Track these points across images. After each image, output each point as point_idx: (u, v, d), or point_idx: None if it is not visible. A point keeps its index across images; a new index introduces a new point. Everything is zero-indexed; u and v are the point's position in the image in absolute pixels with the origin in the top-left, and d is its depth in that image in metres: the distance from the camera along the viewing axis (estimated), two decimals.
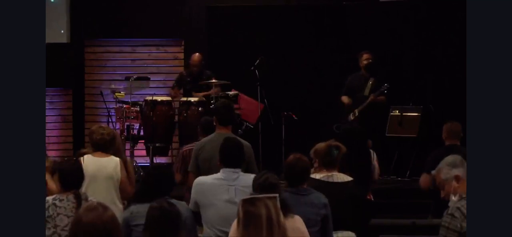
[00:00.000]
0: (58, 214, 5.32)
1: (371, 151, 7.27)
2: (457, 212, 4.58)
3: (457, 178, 4.77)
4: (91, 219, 3.32)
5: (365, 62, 10.00)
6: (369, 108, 9.79)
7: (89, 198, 5.48)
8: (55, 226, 5.31)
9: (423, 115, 10.16)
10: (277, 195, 4.06)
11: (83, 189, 5.62)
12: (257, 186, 4.88)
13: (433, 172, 4.97)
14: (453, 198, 4.74)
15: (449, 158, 4.90)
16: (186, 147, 7.38)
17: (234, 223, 4.26)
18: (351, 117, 9.85)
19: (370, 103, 9.79)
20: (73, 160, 5.80)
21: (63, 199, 5.38)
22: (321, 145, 6.06)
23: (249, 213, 3.91)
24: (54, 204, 5.37)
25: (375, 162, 7.23)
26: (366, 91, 9.92)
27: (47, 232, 5.32)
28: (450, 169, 4.82)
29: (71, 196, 5.40)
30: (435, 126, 9.14)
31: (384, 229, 7.00)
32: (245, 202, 3.95)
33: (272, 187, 4.78)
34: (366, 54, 10.02)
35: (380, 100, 9.89)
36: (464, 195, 4.68)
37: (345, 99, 10.01)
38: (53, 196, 5.45)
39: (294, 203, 5.13)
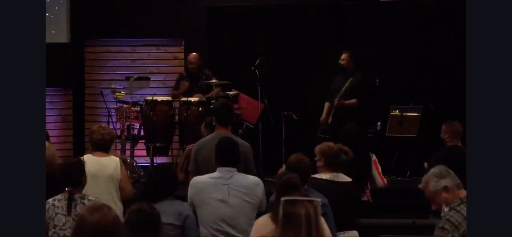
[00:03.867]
0: (56, 214, 5.37)
1: (371, 154, 7.30)
2: (447, 223, 4.59)
3: (446, 189, 4.76)
4: (96, 219, 3.33)
5: (340, 62, 9.79)
6: (341, 112, 9.62)
7: (90, 198, 5.51)
8: (55, 226, 5.36)
9: (423, 115, 10.16)
10: (319, 200, 4.10)
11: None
12: (279, 186, 4.86)
13: (420, 185, 4.96)
14: (445, 209, 4.73)
15: (435, 170, 4.89)
16: (190, 146, 7.39)
17: (263, 221, 4.29)
18: (328, 121, 9.76)
19: (338, 108, 9.60)
20: (74, 160, 5.83)
21: (61, 199, 5.43)
22: (330, 146, 6.08)
23: (289, 213, 3.95)
24: (53, 204, 5.42)
25: (375, 170, 7.25)
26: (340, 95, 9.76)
27: (49, 233, 5.36)
28: (438, 181, 4.80)
29: (67, 195, 5.43)
30: (435, 126, 9.12)
31: (384, 229, 7.01)
32: (286, 202, 3.98)
33: (293, 186, 4.77)
34: (344, 53, 9.79)
35: (349, 104, 9.65)
36: (453, 205, 4.68)
37: (325, 108, 9.85)
38: (54, 197, 5.50)
39: None
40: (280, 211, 4.00)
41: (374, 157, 7.32)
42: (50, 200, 5.47)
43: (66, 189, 5.45)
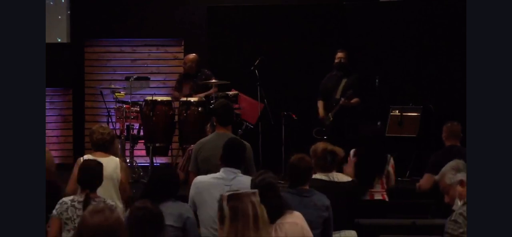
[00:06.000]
0: (78, 216, 5.36)
1: (389, 155, 7.32)
2: (460, 217, 4.57)
3: (461, 183, 4.76)
4: (98, 221, 3.32)
5: (336, 60, 9.82)
6: (342, 111, 9.63)
7: (107, 201, 5.52)
8: (75, 228, 5.33)
9: (423, 115, 10.15)
10: (256, 190, 4.08)
11: None
12: (254, 186, 4.85)
13: (437, 177, 4.96)
14: (459, 202, 4.73)
15: (453, 163, 4.89)
16: (192, 147, 7.37)
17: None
18: (326, 121, 9.76)
19: (342, 106, 9.62)
20: (95, 162, 5.80)
21: (81, 200, 5.44)
22: (318, 147, 6.08)
23: (236, 208, 3.92)
24: (73, 206, 5.43)
25: (390, 168, 7.27)
26: (338, 93, 9.73)
27: (67, 235, 5.36)
28: (455, 174, 4.81)
29: (83, 197, 5.48)
30: (435, 126, 9.13)
31: (384, 229, 7.01)
32: (230, 197, 3.96)
33: (270, 186, 4.76)
34: (340, 52, 9.82)
35: (354, 102, 9.66)
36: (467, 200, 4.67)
37: (320, 106, 9.84)
38: (71, 197, 5.51)
39: (295, 204, 5.12)
40: (224, 208, 3.97)
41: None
42: (67, 200, 5.51)
43: (83, 190, 5.52)
